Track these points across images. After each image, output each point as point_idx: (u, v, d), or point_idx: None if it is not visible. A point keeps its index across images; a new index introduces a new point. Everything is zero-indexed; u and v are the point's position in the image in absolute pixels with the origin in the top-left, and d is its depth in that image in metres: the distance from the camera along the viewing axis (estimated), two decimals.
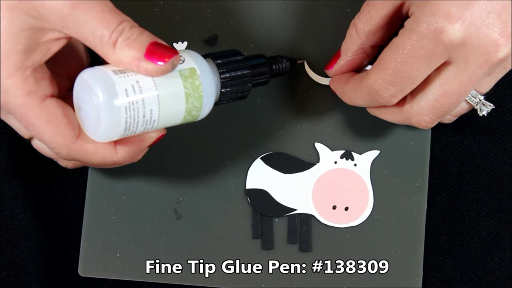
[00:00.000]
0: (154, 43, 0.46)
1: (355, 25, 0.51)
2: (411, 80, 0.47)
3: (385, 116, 0.52)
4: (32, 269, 0.58)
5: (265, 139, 0.59)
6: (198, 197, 0.59)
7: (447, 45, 0.45)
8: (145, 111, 0.46)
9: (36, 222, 0.59)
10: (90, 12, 0.45)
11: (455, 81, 0.47)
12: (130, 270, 0.58)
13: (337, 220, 0.58)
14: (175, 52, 0.46)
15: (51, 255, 0.59)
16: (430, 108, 0.48)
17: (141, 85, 0.46)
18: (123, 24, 0.46)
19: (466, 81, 0.47)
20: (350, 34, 0.52)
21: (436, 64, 0.46)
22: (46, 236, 0.59)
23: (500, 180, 0.59)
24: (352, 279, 0.58)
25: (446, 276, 0.59)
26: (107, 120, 0.46)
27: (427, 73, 0.47)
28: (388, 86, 0.47)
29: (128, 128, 0.47)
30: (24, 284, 0.58)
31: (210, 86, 0.49)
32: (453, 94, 0.47)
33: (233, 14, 0.59)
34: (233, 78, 0.51)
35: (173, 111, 0.48)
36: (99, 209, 0.58)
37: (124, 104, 0.46)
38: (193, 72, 0.48)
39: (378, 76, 0.48)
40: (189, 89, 0.48)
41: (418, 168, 0.58)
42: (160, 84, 0.47)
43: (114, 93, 0.45)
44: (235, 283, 0.58)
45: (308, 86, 0.58)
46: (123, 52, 0.46)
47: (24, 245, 0.58)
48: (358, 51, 0.52)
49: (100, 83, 0.46)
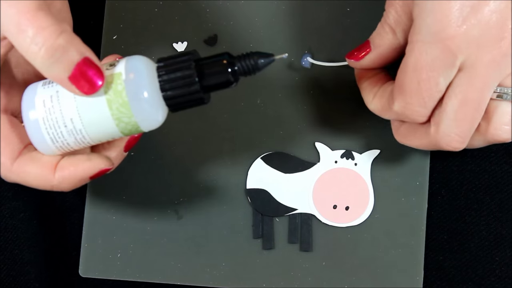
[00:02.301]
0: (82, 63, 0.44)
1: (389, 25, 0.50)
2: (435, 94, 0.47)
3: (414, 143, 0.51)
4: (32, 269, 0.58)
5: (265, 139, 0.59)
6: (199, 197, 0.59)
7: (454, 50, 0.45)
8: (65, 120, 0.45)
9: (36, 222, 0.59)
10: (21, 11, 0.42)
11: (469, 86, 0.46)
12: (130, 271, 0.58)
13: (338, 220, 0.58)
14: (101, 75, 0.44)
15: (51, 255, 0.59)
16: (454, 123, 0.47)
17: (59, 95, 0.45)
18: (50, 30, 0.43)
19: (480, 85, 0.46)
20: (386, 33, 0.50)
21: (453, 71, 0.46)
22: (46, 236, 0.59)
23: (501, 179, 0.59)
24: (352, 279, 0.58)
25: (446, 276, 0.59)
26: (30, 132, 0.45)
27: (447, 81, 0.46)
28: (417, 108, 0.47)
29: (56, 139, 0.46)
30: (24, 284, 0.58)
31: (141, 91, 0.45)
32: (471, 100, 0.46)
33: (233, 14, 0.59)
34: (172, 80, 0.45)
35: (97, 119, 0.46)
36: (100, 209, 0.58)
37: (41, 115, 0.45)
38: (117, 77, 0.45)
39: (404, 101, 0.47)
40: (111, 95, 0.45)
41: (418, 167, 0.58)
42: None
43: (32, 105, 0.45)
44: (235, 283, 0.58)
45: (309, 86, 0.59)
46: (50, 68, 0.43)
47: (24, 245, 0.58)
48: (395, 49, 0.51)
49: (25, 96, 0.46)
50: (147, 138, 0.59)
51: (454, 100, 0.47)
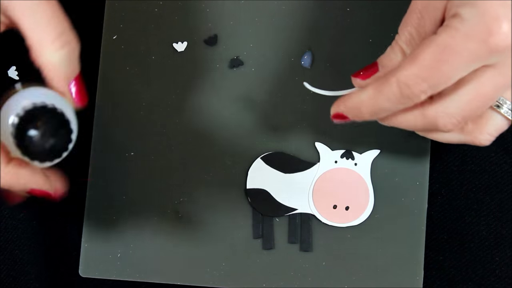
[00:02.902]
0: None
1: (400, 46, 0.48)
2: (445, 80, 0.45)
3: (406, 122, 0.49)
4: (32, 269, 0.58)
5: (265, 139, 0.59)
6: (198, 197, 0.58)
7: (493, 49, 0.43)
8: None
9: (36, 222, 0.59)
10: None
11: (491, 84, 0.45)
12: (130, 271, 0.58)
13: (338, 220, 0.58)
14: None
15: (51, 255, 0.59)
16: (461, 110, 0.46)
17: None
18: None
19: (501, 85, 0.45)
20: (396, 55, 0.49)
21: (476, 66, 0.45)
22: (46, 236, 0.59)
23: (501, 179, 0.59)
24: (352, 279, 0.58)
25: (446, 276, 0.59)
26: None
27: (464, 74, 0.45)
28: (422, 83, 0.45)
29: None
30: (24, 284, 0.58)
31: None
32: (487, 97, 0.46)
33: (233, 14, 0.59)
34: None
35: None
36: (100, 209, 0.58)
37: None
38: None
39: (411, 71, 0.45)
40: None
41: (418, 167, 0.58)
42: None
43: None
44: (235, 283, 0.58)
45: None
46: (55, 56, 0.45)
47: (24, 245, 0.58)
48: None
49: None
50: (147, 138, 0.59)
51: (472, 91, 0.45)
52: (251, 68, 0.59)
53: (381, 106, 0.47)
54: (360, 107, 0.48)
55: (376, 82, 0.47)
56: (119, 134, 0.59)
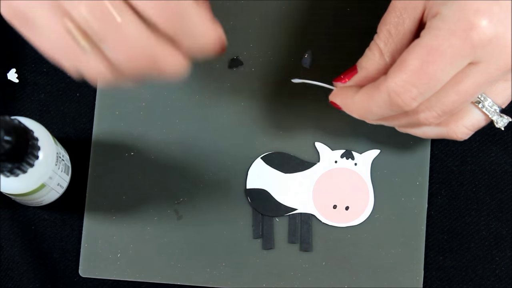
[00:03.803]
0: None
1: (378, 45, 0.48)
2: (434, 82, 0.44)
3: (391, 119, 0.49)
4: (32, 269, 0.58)
5: (265, 139, 0.59)
6: (198, 197, 0.58)
7: (475, 43, 0.43)
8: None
9: (36, 222, 0.59)
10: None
11: (471, 80, 0.45)
12: (130, 271, 0.58)
13: (338, 220, 0.58)
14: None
15: (51, 255, 0.59)
16: (441, 104, 0.46)
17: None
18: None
19: (482, 82, 0.45)
20: (374, 54, 0.49)
21: (463, 64, 0.44)
22: (46, 236, 0.59)
23: (501, 179, 0.59)
24: (352, 279, 0.58)
25: (446, 276, 0.59)
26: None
27: (452, 74, 0.44)
28: (411, 88, 0.45)
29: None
30: (24, 284, 0.58)
31: None
32: (467, 93, 0.45)
33: (233, 14, 0.59)
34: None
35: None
36: (100, 209, 0.58)
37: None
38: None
39: (400, 78, 0.45)
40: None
41: (418, 167, 0.58)
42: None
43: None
44: (235, 283, 0.58)
45: (309, 85, 0.58)
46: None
47: (24, 245, 0.58)
48: (380, 70, 0.49)
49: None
50: (147, 138, 0.59)
51: (452, 86, 0.45)
52: (251, 68, 0.59)
53: (371, 111, 0.48)
54: (351, 107, 0.49)
55: (370, 88, 0.48)
56: (119, 134, 0.59)
